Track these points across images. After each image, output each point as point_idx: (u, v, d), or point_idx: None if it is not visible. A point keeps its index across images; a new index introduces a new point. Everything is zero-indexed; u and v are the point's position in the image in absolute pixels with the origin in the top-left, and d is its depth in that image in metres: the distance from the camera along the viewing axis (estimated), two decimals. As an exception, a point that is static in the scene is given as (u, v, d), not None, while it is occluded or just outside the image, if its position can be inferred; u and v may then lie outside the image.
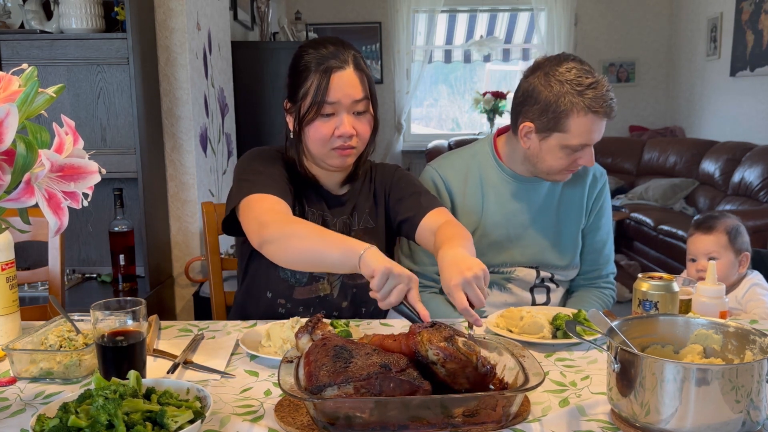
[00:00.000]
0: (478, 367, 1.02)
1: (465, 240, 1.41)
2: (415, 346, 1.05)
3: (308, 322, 1.18)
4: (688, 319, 1.15)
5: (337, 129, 1.50)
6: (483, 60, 7.05)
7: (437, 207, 1.60)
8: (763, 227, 3.95)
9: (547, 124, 1.66)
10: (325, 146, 1.52)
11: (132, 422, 0.91)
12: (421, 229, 1.57)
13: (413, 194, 1.64)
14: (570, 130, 1.64)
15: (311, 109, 1.50)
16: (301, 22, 5.37)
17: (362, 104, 1.52)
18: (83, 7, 2.48)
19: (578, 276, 1.90)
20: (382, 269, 1.20)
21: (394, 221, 1.67)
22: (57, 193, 0.98)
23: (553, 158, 1.70)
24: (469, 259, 1.28)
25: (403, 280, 1.21)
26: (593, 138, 1.66)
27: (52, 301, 1.38)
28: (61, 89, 1.01)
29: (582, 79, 1.62)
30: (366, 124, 1.54)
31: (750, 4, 5.35)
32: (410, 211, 1.61)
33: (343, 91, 1.48)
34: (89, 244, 2.77)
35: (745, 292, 2.07)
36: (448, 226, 1.49)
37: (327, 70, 1.48)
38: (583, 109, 1.61)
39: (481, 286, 1.24)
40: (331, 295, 1.63)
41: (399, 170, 1.73)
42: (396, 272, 1.20)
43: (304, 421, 1.02)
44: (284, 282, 1.61)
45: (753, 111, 5.38)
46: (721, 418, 0.94)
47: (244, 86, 3.92)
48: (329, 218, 1.63)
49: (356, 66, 1.51)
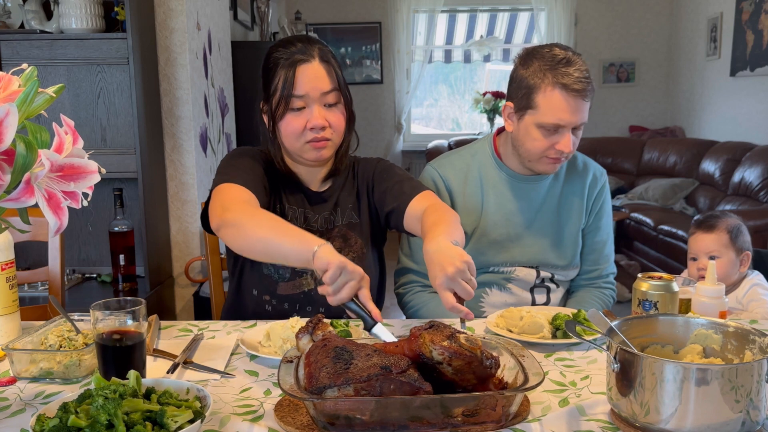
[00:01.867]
0: (483, 360, 1.02)
1: (446, 225, 1.38)
2: (418, 348, 1.04)
3: (309, 322, 1.18)
4: (687, 319, 1.15)
5: (309, 121, 1.52)
6: (483, 60, 7.06)
7: (420, 192, 1.59)
8: (763, 227, 3.96)
9: (521, 102, 1.68)
10: (298, 140, 1.54)
11: (132, 422, 0.91)
12: (408, 218, 1.56)
13: (396, 183, 1.64)
14: (539, 106, 1.64)
15: (280, 103, 1.52)
16: (301, 22, 5.38)
17: (332, 96, 1.53)
18: (83, 7, 2.48)
19: (578, 276, 1.90)
20: (336, 263, 1.20)
21: (381, 214, 1.66)
22: (57, 193, 0.98)
23: (530, 139, 1.69)
24: (449, 252, 1.25)
25: (355, 277, 1.21)
26: (565, 118, 1.63)
27: (52, 301, 1.38)
28: (61, 89, 1.01)
29: (557, 57, 1.64)
30: (339, 115, 1.56)
31: (750, 4, 5.35)
32: (395, 201, 1.61)
33: (310, 83, 1.51)
34: (89, 244, 2.77)
35: (745, 292, 2.07)
36: (431, 212, 1.47)
37: (293, 64, 1.51)
38: (551, 84, 1.62)
39: (467, 278, 1.23)
40: (315, 289, 1.61)
41: (381, 162, 1.72)
42: (349, 269, 1.21)
43: (304, 421, 1.02)
44: (268, 278, 1.61)
45: (753, 111, 5.38)
46: (721, 418, 0.94)
47: (244, 86, 3.92)
48: (310, 215, 1.64)
49: (322, 58, 1.53)
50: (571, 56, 1.64)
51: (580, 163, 1.89)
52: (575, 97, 1.62)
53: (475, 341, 1.04)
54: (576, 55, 1.66)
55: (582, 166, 1.88)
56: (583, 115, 1.65)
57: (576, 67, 1.62)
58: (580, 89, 1.61)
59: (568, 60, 1.63)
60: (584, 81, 1.62)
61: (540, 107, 1.64)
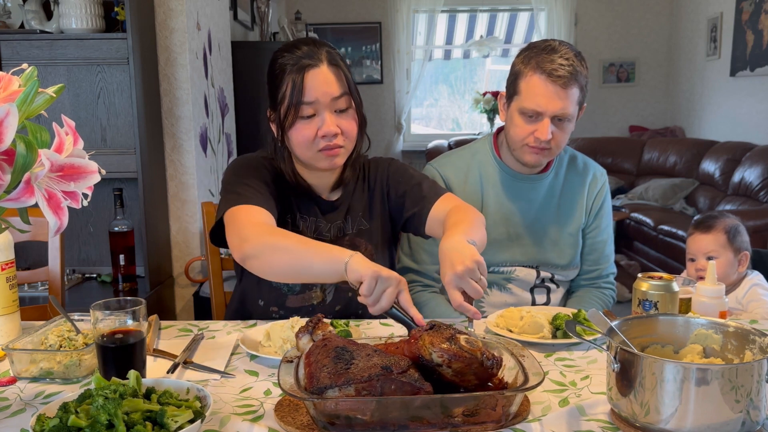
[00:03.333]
0: (483, 362, 1.02)
1: (467, 224, 1.36)
2: (418, 350, 1.04)
3: (309, 322, 1.17)
4: (687, 319, 1.15)
5: (320, 129, 1.45)
6: (483, 59, 7.05)
7: (442, 194, 1.56)
8: (763, 227, 3.95)
9: (510, 89, 1.73)
10: (310, 149, 1.48)
11: (132, 422, 0.91)
12: (431, 222, 1.53)
13: (414, 186, 1.60)
14: (521, 91, 1.68)
15: (290, 111, 1.45)
16: (301, 22, 5.37)
17: (343, 101, 1.47)
18: (83, 7, 2.48)
19: (578, 276, 1.90)
20: (370, 273, 1.16)
21: (401, 218, 1.62)
22: (57, 193, 0.97)
23: (513, 126, 1.72)
24: (462, 251, 1.23)
25: (392, 283, 1.17)
26: (542, 104, 1.64)
27: (52, 301, 1.38)
28: (61, 89, 1.01)
29: (543, 45, 1.67)
30: (351, 121, 1.49)
31: (750, 4, 5.35)
32: (415, 206, 1.57)
33: (319, 89, 1.44)
34: (89, 244, 2.77)
35: (745, 292, 2.07)
36: (454, 213, 1.45)
37: (300, 70, 1.44)
38: (532, 69, 1.65)
39: (477, 277, 1.20)
40: (323, 302, 1.60)
41: (393, 163, 1.68)
42: (384, 275, 1.17)
43: (304, 421, 1.02)
44: (276, 290, 1.59)
45: (753, 111, 5.38)
46: (721, 418, 0.94)
47: (244, 86, 3.92)
48: (323, 225, 1.59)
49: (330, 62, 1.46)
50: (557, 45, 1.66)
51: (580, 163, 1.89)
52: (554, 84, 1.63)
53: (475, 343, 1.03)
54: (564, 46, 1.67)
55: (582, 166, 1.89)
56: (564, 105, 1.65)
57: (559, 54, 1.64)
58: (559, 76, 1.62)
59: (552, 48, 1.65)
60: (565, 68, 1.62)
61: (522, 93, 1.68)
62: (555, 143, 1.69)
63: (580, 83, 1.66)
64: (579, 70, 1.64)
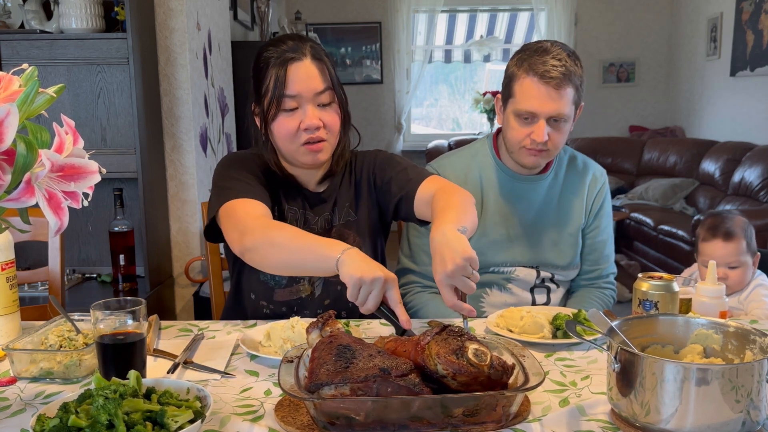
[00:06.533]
0: (492, 375, 0.99)
1: (455, 209, 1.34)
2: (423, 360, 1.02)
3: (319, 317, 1.18)
4: (688, 319, 1.15)
5: (302, 122, 1.47)
6: (483, 60, 7.05)
7: (427, 176, 1.55)
8: (763, 227, 3.95)
9: (504, 92, 1.73)
10: (293, 142, 1.50)
11: (132, 422, 0.91)
12: (418, 204, 1.52)
13: (400, 171, 1.60)
14: (516, 94, 1.68)
15: (272, 104, 1.47)
16: (301, 22, 5.38)
17: (326, 95, 1.49)
18: (83, 7, 2.48)
19: (578, 276, 1.90)
20: (353, 282, 1.18)
21: (389, 205, 1.62)
22: (57, 193, 0.97)
23: (510, 128, 1.72)
24: (453, 246, 1.20)
25: (376, 286, 1.18)
26: (535, 105, 1.64)
27: (52, 301, 1.38)
28: (61, 89, 1.01)
29: (536, 47, 1.67)
30: (334, 115, 1.51)
31: (750, 4, 5.35)
32: (402, 189, 1.57)
33: (302, 83, 1.46)
34: (89, 244, 2.76)
35: (749, 292, 2.03)
36: (441, 195, 1.44)
37: (284, 63, 1.46)
38: (524, 71, 1.66)
39: (468, 273, 1.19)
40: (312, 295, 1.61)
41: (380, 153, 1.69)
42: (368, 280, 1.17)
43: (304, 421, 1.02)
44: (264, 284, 1.60)
45: (753, 111, 5.38)
46: (721, 418, 0.94)
47: (244, 86, 3.92)
48: (310, 217, 1.61)
49: (314, 56, 1.48)
50: (549, 47, 1.66)
51: (579, 163, 1.89)
52: (547, 85, 1.63)
53: (483, 355, 0.99)
54: (557, 46, 1.66)
55: (582, 166, 1.88)
56: (558, 106, 1.64)
57: (551, 55, 1.64)
58: (552, 77, 1.62)
59: (545, 49, 1.65)
60: (557, 69, 1.62)
61: (516, 95, 1.68)
62: (552, 144, 1.69)
63: (575, 83, 1.66)
64: (572, 70, 1.64)
